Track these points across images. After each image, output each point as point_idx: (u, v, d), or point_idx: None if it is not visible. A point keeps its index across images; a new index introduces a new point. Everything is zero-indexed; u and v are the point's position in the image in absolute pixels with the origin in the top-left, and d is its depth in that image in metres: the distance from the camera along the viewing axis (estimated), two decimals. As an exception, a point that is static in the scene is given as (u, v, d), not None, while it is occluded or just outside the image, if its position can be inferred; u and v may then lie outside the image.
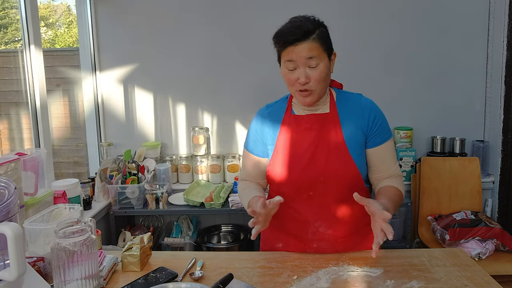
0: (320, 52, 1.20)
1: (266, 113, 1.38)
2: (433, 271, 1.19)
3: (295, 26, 1.19)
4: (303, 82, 1.20)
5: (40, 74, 2.12)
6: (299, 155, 1.29)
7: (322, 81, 1.22)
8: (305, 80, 1.20)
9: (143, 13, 2.66)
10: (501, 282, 1.15)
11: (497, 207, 2.61)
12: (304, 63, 1.19)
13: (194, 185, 2.57)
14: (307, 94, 1.23)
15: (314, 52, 1.18)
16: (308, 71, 1.20)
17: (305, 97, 1.24)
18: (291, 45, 1.19)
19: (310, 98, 1.24)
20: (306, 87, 1.21)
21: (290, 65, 1.21)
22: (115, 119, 2.78)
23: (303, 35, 1.17)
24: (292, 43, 1.19)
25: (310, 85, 1.21)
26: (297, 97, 1.27)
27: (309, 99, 1.24)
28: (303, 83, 1.20)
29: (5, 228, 0.91)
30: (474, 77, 2.66)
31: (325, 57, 1.21)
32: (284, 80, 1.27)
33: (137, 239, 1.27)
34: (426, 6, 2.61)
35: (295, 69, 1.22)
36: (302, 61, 1.19)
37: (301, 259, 1.28)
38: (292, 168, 1.30)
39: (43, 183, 1.76)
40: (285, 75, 1.25)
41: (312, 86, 1.22)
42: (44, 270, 1.18)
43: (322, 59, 1.20)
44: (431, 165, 2.50)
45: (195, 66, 2.70)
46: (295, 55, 1.19)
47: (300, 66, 1.20)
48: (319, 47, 1.19)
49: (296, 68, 1.21)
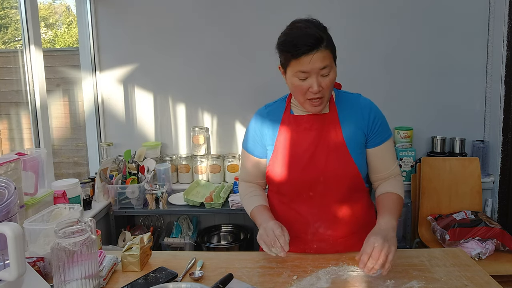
0: (331, 59, 1.18)
1: (265, 113, 1.37)
2: (433, 271, 1.19)
3: (305, 33, 1.15)
4: (316, 91, 1.17)
5: (40, 74, 2.12)
6: (298, 155, 1.29)
7: (331, 87, 1.22)
8: (318, 89, 1.17)
9: (143, 13, 2.66)
10: (501, 282, 1.15)
11: (497, 207, 2.61)
12: (317, 72, 1.17)
13: (194, 185, 2.57)
14: (319, 103, 1.21)
15: (327, 61, 1.16)
16: (321, 79, 1.18)
17: (316, 106, 1.22)
18: (303, 55, 1.15)
19: (320, 107, 1.23)
20: (318, 95, 1.19)
21: (301, 75, 1.18)
22: (115, 119, 2.78)
23: (315, 44, 1.14)
24: (305, 53, 1.14)
25: (322, 92, 1.19)
26: (306, 106, 1.24)
27: (320, 107, 1.23)
28: (315, 91, 1.18)
29: (5, 228, 0.91)
30: (474, 77, 2.66)
31: (333, 63, 1.21)
32: (291, 88, 1.24)
33: (137, 239, 1.27)
34: (426, 6, 2.61)
35: (306, 78, 1.18)
36: (316, 70, 1.16)
37: (301, 259, 1.28)
38: (291, 168, 1.30)
39: (43, 183, 1.76)
40: (294, 84, 1.21)
41: (324, 93, 1.20)
42: (44, 270, 1.19)
43: (332, 66, 1.20)
44: (431, 165, 2.50)
45: (195, 66, 2.70)
46: (309, 66, 1.15)
47: (313, 75, 1.17)
48: (330, 55, 1.18)
49: (308, 77, 1.18)
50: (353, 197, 1.33)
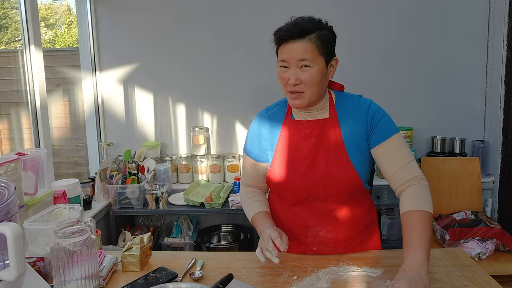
0: (314, 54, 1.15)
1: (266, 116, 1.35)
2: (433, 271, 1.18)
3: (294, 23, 1.16)
4: (293, 83, 1.17)
5: (40, 74, 2.12)
6: (298, 161, 1.27)
7: (315, 85, 1.17)
8: (294, 82, 1.16)
9: (143, 13, 2.66)
10: (501, 282, 1.15)
11: (497, 207, 2.61)
12: (296, 64, 1.16)
13: (194, 185, 2.57)
14: (297, 96, 1.19)
15: (307, 54, 1.14)
16: (299, 72, 1.16)
17: (294, 99, 1.20)
18: (285, 42, 1.16)
19: (299, 101, 1.20)
20: (296, 89, 1.18)
21: (282, 63, 1.19)
22: (115, 119, 2.78)
23: (298, 34, 1.14)
24: (286, 41, 1.15)
25: (300, 87, 1.17)
26: (288, 99, 1.24)
27: (298, 101, 1.20)
28: (292, 84, 1.17)
29: (5, 228, 0.91)
30: (474, 77, 2.66)
31: (320, 60, 1.16)
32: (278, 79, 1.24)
33: (137, 239, 1.27)
34: (426, 6, 2.61)
35: (287, 68, 1.18)
36: (294, 61, 1.15)
37: (301, 259, 1.28)
38: (291, 173, 1.28)
39: (43, 183, 1.76)
40: (278, 74, 1.22)
41: (302, 88, 1.17)
42: (44, 270, 1.18)
43: (316, 62, 1.16)
44: (431, 165, 2.50)
45: (195, 66, 2.70)
46: (287, 55, 1.16)
47: (292, 67, 1.17)
48: (314, 49, 1.15)
49: (288, 67, 1.18)
50: (354, 201, 1.31)
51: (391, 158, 1.21)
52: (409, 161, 1.20)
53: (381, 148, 1.22)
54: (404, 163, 1.19)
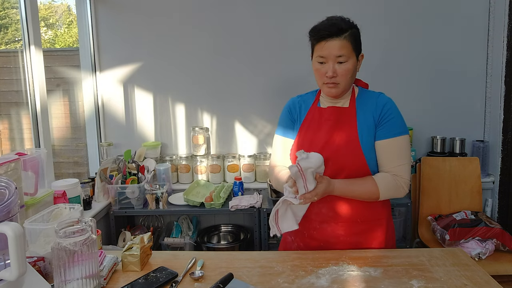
0: (349, 50, 1.29)
1: (297, 101, 1.49)
2: (433, 270, 1.19)
3: (331, 23, 1.30)
4: (330, 75, 1.30)
5: (40, 74, 2.12)
6: (315, 141, 1.36)
7: (349, 77, 1.32)
8: (332, 74, 1.30)
9: (143, 13, 2.67)
10: (501, 282, 1.15)
11: (497, 207, 2.61)
12: (334, 59, 1.29)
13: (194, 185, 2.57)
14: (333, 86, 1.32)
15: (344, 50, 1.28)
16: (337, 66, 1.30)
17: (331, 89, 1.33)
18: (323, 40, 1.29)
19: (335, 90, 1.33)
20: (333, 80, 1.31)
21: (320, 59, 1.31)
22: (115, 119, 2.78)
23: (336, 32, 1.27)
24: (325, 38, 1.28)
25: (336, 79, 1.31)
26: (324, 89, 1.36)
27: (334, 90, 1.33)
28: (330, 76, 1.30)
29: (5, 228, 0.91)
30: (474, 77, 2.66)
31: (353, 56, 1.31)
32: (314, 73, 1.37)
33: (137, 239, 1.27)
34: (426, 6, 2.61)
35: (324, 63, 1.31)
36: (332, 57, 1.29)
37: (301, 258, 1.29)
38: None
39: (43, 183, 1.76)
40: (315, 68, 1.35)
41: (338, 80, 1.31)
42: (45, 270, 1.19)
43: (350, 57, 1.30)
44: (431, 165, 2.50)
45: (195, 66, 2.71)
46: (326, 51, 1.29)
47: (329, 61, 1.30)
48: (349, 46, 1.29)
49: (326, 62, 1.31)
50: None
51: (388, 157, 1.33)
52: (404, 164, 1.33)
53: (383, 143, 1.33)
54: (398, 164, 1.32)
